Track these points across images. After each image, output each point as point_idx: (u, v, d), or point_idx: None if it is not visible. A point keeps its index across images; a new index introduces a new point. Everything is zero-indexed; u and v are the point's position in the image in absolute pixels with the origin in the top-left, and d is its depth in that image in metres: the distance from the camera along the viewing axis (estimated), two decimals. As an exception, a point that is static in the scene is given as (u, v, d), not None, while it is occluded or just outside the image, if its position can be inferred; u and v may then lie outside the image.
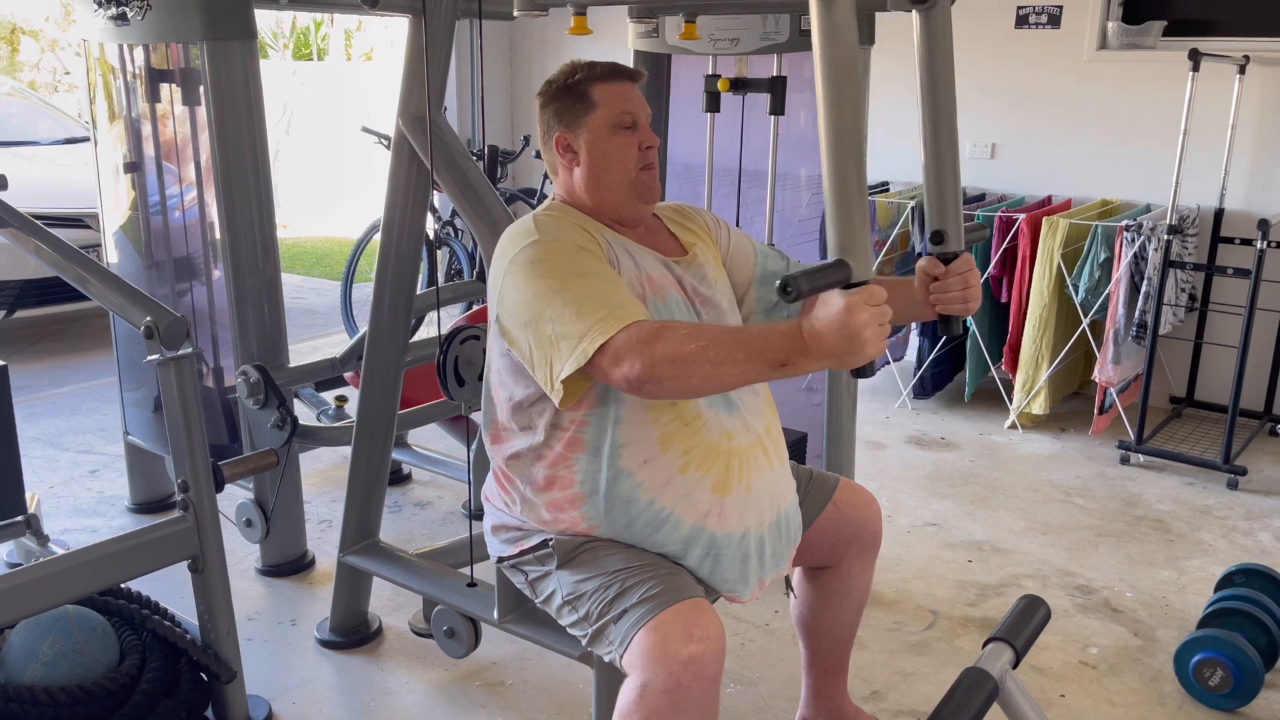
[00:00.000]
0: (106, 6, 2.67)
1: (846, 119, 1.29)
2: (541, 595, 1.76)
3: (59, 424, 4.03)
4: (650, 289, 1.66)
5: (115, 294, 2.01)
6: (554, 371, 1.53)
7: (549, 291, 1.54)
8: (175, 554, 1.99)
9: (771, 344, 1.39)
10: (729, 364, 1.41)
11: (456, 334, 2.27)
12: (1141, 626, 2.68)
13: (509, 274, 1.61)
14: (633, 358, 1.44)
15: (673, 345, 1.42)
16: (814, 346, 1.35)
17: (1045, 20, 4.35)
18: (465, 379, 2.27)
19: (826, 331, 1.34)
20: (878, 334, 1.33)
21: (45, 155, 5.69)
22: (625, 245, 1.69)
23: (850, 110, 1.29)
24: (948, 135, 1.58)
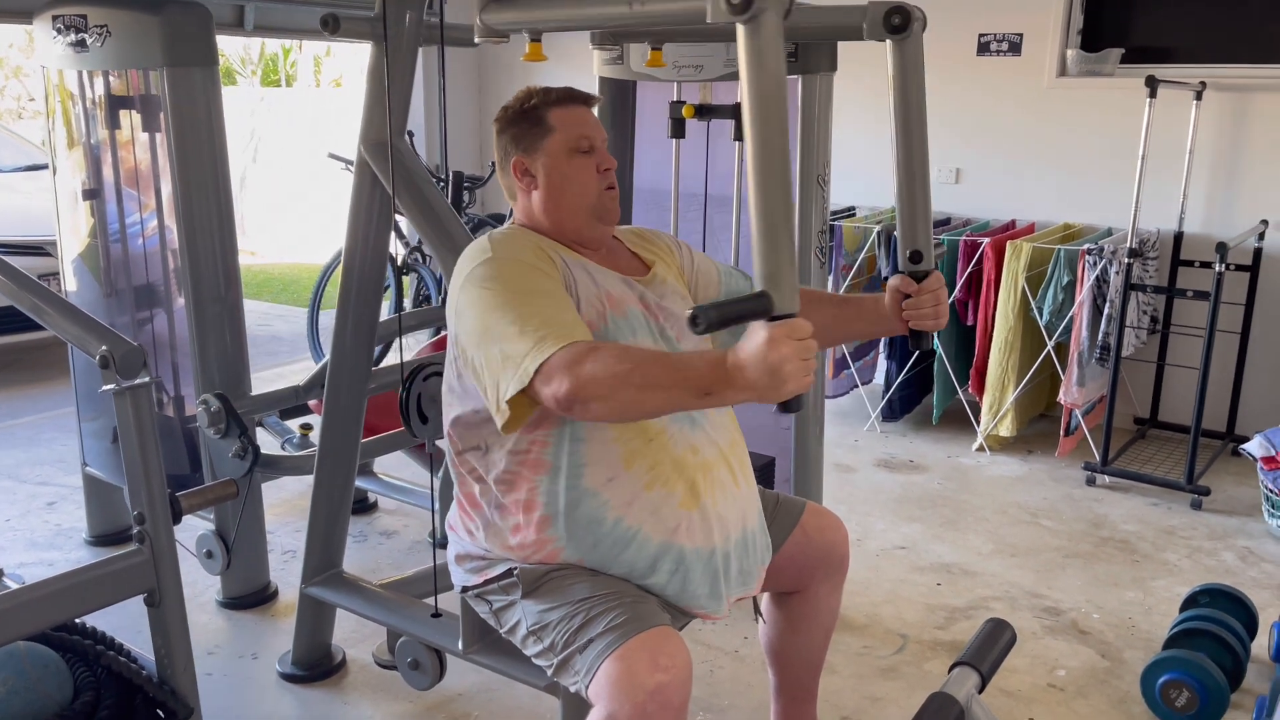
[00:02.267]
0: (65, 33, 2.64)
1: (773, 148, 1.28)
2: (506, 625, 1.74)
3: (17, 455, 3.96)
4: (610, 305, 1.66)
5: (70, 323, 1.98)
6: (500, 392, 1.51)
7: (498, 309, 1.54)
8: (131, 588, 1.95)
9: (697, 372, 1.38)
10: (654, 389, 1.40)
11: (419, 370, 2.25)
12: (1109, 648, 2.69)
13: (463, 292, 1.60)
14: (561, 377, 1.43)
15: (599, 366, 1.41)
16: (736, 378, 1.34)
17: (1006, 48, 4.41)
18: (428, 415, 2.25)
19: (748, 364, 1.32)
20: (800, 369, 1.31)
21: (6, 183, 5.62)
22: (584, 265, 1.69)
23: (777, 139, 1.28)
24: (920, 159, 1.62)
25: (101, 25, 2.56)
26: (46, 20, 2.68)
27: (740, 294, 1.87)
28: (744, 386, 1.33)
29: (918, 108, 1.60)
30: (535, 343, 1.47)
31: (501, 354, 1.51)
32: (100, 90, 2.77)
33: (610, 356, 1.42)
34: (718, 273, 1.91)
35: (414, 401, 2.23)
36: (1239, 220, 4.08)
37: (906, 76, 1.59)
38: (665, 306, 1.75)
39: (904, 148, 1.62)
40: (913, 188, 1.63)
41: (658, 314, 1.73)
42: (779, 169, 1.29)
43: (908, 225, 1.66)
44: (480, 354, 1.56)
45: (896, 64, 1.58)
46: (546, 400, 1.46)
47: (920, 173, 1.63)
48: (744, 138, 1.30)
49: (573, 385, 1.41)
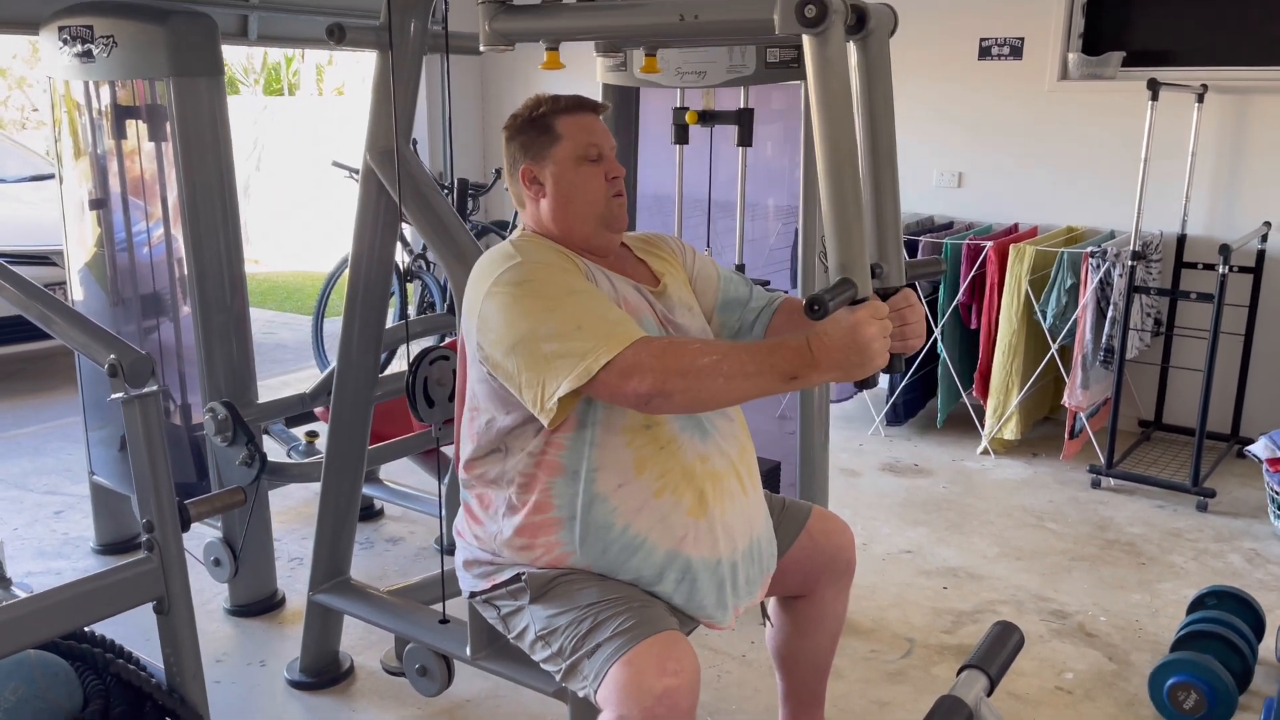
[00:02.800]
0: (72, 44, 2.66)
1: (843, 150, 1.38)
2: (514, 631, 1.74)
3: (24, 465, 3.97)
4: (627, 309, 1.67)
5: (78, 332, 1.99)
6: (547, 391, 1.52)
7: (539, 310, 1.55)
8: (140, 596, 1.95)
9: (782, 357, 1.45)
10: (741, 377, 1.46)
11: (425, 355, 2.26)
12: (1116, 651, 2.69)
13: (491, 298, 1.60)
14: (644, 372, 1.47)
15: (686, 359, 1.48)
16: (823, 360, 1.43)
17: (1007, 52, 4.42)
18: (435, 400, 2.26)
19: (837, 346, 1.42)
20: (884, 345, 1.43)
21: (11, 193, 5.64)
22: (602, 271, 1.71)
23: (846, 141, 1.38)
24: (887, 165, 1.51)
25: (108, 36, 2.58)
26: (53, 31, 2.70)
27: (738, 296, 1.89)
28: (831, 367, 1.43)
29: (885, 111, 1.50)
30: (600, 339, 1.50)
31: (551, 353, 1.52)
32: (106, 100, 2.78)
33: (695, 349, 1.50)
34: (717, 275, 1.93)
35: (420, 385, 2.24)
36: (1242, 222, 4.08)
37: (872, 77, 1.49)
38: (674, 320, 1.75)
39: (870, 153, 1.50)
40: (880, 195, 1.50)
41: (666, 325, 1.74)
42: (849, 168, 1.39)
43: (874, 237, 1.50)
44: (517, 356, 1.55)
45: (861, 64, 1.48)
46: (625, 395, 1.50)
47: (888, 179, 1.51)
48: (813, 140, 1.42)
49: (657, 379, 1.47)
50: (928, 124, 4.60)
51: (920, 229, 4.43)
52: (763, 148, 2.94)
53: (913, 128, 4.62)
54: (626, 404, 1.54)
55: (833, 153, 1.39)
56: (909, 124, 4.61)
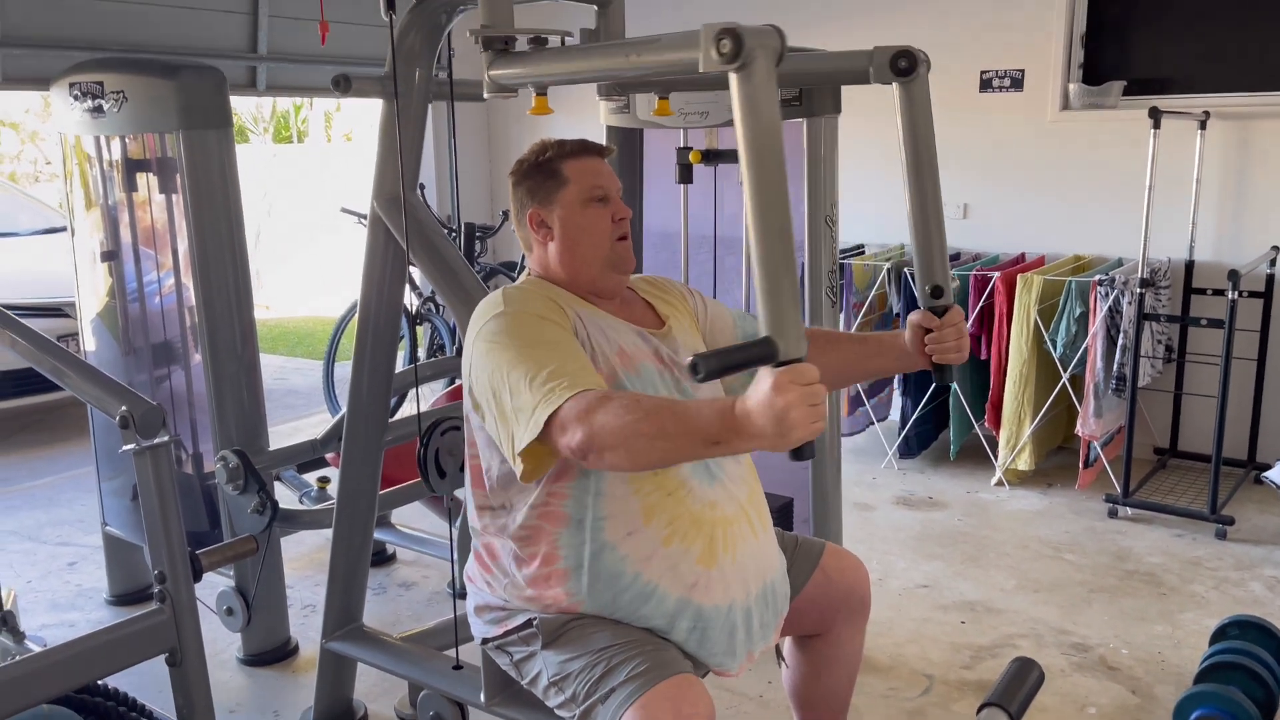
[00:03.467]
0: (83, 99, 2.70)
1: (771, 193, 1.28)
2: (527, 676, 1.73)
3: (38, 516, 3.98)
4: (622, 362, 1.67)
5: (90, 384, 2.00)
6: (515, 444, 1.52)
7: (508, 363, 1.55)
8: (152, 648, 1.95)
9: (705, 420, 1.35)
10: (663, 438, 1.38)
11: (437, 425, 2.27)
12: (1139, 684, 2.65)
13: (475, 346, 1.62)
14: (574, 426, 1.42)
15: (610, 415, 1.40)
16: (745, 426, 1.30)
17: (1008, 84, 4.45)
18: (446, 470, 2.25)
19: (755, 411, 1.29)
20: (806, 415, 1.27)
21: (25, 246, 5.70)
22: (598, 319, 1.70)
23: (775, 184, 1.28)
24: (933, 197, 1.65)
25: (118, 91, 2.61)
26: (64, 87, 2.74)
27: (754, 332, 1.88)
28: (752, 435, 1.30)
29: (927, 146, 1.63)
30: (546, 393, 1.47)
31: (514, 406, 1.52)
32: (117, 154, 2.82)
33: (620, 405, 1.42)
34: (733, 319, 1.92)
35: (432, 456, 2.24)
36: (1250, 247, 4.08)
37: (915, 117, 1.62)
38: (679, 361, 1.75)
39: (916, 186, 1.65)
40: (927, 225, 1.66)
41: (672, 368, 1.73)
42: (778, 214, 1.28)
43: (925, 261, 1.68)
44: (493, 407, 1.57)
45: (904, 105, 1.61)
46: (562, 450, 1.47)
47: (934, 210, 1.66)
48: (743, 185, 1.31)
49: (585, 434, 1.41)
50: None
51: (927, 261, 4.43)
52: (767, 185, 2.96)
53: (916, 161, 4.64)
54: (571, 458, 1.49)
55: (761, 198, 1.28)
56: (913, 157, 4.65)
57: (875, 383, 4.47)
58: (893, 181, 1.67)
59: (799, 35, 5.11)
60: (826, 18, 4.78)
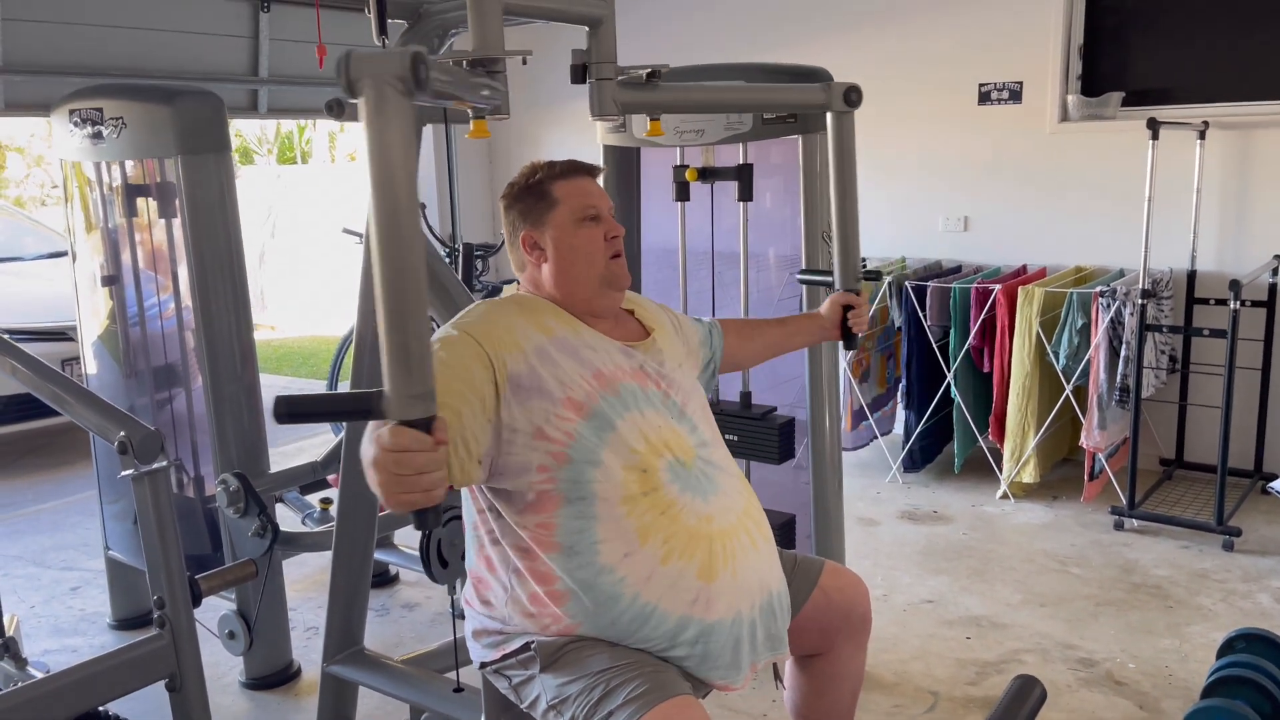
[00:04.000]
0: (82, 126, 2.72)
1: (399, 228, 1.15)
2: (526, 700, 1.72)
3: (42, 540, 3.98)
4: (599, 384, 1.65)
5: (89, 410, 2.01)
6: None
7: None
8: (151, 674, 1.95)
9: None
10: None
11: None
12: (1146, 698, 2.63)
13: None
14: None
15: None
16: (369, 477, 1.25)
17: (1007, 96, 4.45)
18: (449, 561, 2.23)
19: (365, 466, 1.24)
20: (390, 482, 1.19)
21: (30, 270, 5.73)
22: (581, 339, 1.69)
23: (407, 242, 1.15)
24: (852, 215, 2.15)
25: (117, 118, 2.63)
26: (64, 114, 2.76)
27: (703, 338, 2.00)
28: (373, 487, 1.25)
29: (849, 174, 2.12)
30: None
31: None
32: (117, 179, 2.84)
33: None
34: (703, 329, 2.01)
35: (434, 547, 2.21)
36: (1251, 256, 4.07)
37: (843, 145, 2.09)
38: (665, 374, 1.75)
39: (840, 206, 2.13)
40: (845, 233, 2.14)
41: (658, 381, 1.73)
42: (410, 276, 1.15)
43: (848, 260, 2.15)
44: None
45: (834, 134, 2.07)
46: None
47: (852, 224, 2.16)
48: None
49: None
50: (932, 170, 4.62)
51: (928, 274, 4.43)
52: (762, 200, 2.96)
53: (917, 174, 4.65)
54: None
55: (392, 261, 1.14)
56: (913, 170, 4.66)
57: (878, 397, 4.46)
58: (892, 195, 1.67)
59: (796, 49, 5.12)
60: (826, 29, 4.79)
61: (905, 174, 4.68)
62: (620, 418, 1.64)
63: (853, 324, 2.12)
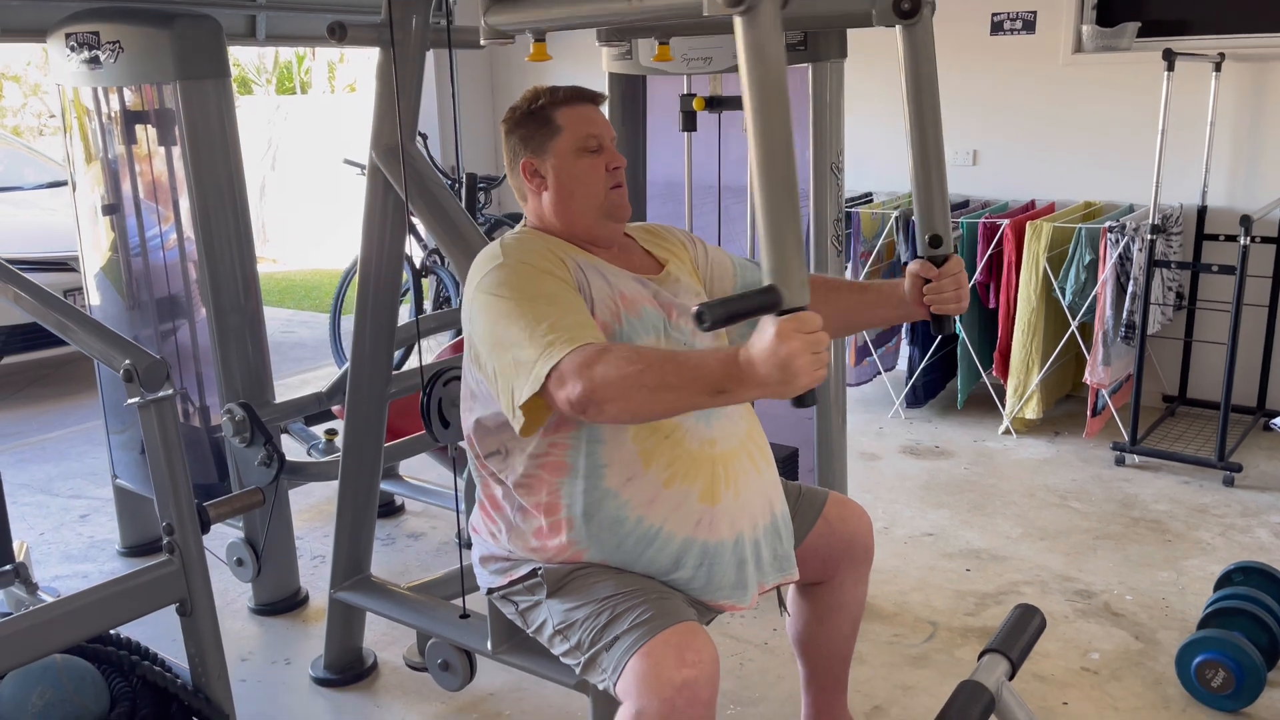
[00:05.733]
0: (79, 51, 2.67)
1: (776, 139, 1.26)
2: (533, 625, 1.75)
3: (49, 469, 4.01)
4: (624, 305, 1.66)
5: (94, 338, 2.00)
6: (515, 398, 1.52)
7: (509, 315, 1.54)
8: (162, 598, 1.97)
9: (709, 370, 1.36)
10: (665, 389, 1.39)
11: (439, 375, 2.26)
12: (1142, 629, 2.66)
13: (474, 300, 1.62)
14: (574, 380, 1.42)
15: (611, 368, 1.40)
16: (749, 375, 1.32)
17: (1020, 26, 4.37)
18: (450, 420, 2.26)
19: (759, 360, 1.30)
20: (810, 362, 1.28)
21: (30, 200, 5.69)
22: (597, 266, 1.69)
23: (780, 130, 1.26)
24: (935, 144, 1.62)
25: (114, 42, 2.58)
26: (60, 38, 2.71)
27: (755, 281, 1.87)
28: (756, 383, 1.31)
29: (930, 92, 1.60)
30: (545, 347, 1.47)
31: (514, 360, 1.51)
32: (115, 106, 2.80)
33: (621, 358, 1.42)
34: (733, 265, 1.91)
35: (435, 406, 2.24)
36: (1263, 192, 4.02)
37: (918, 61, 1.59)
38: (680, 304, 1.74)
39: (918, 133, 1.62)
40: (928, 172, 1.63)
41: (672, 311, 1.72)
42: (783, 161, 1.27)
43: (925, 210, 1.66)
44: (493, 360, 1.57)
45: (908, 49, 1.58)
46: (560, 404, 1.46)
47: (935, 157, 1.62)
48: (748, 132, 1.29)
49: (585, 388, 1.41)
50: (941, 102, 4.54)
51: (935, 209, 4.39)
52: (772, 132, 2.92)
53: (925, 106, 4.57)
54: (565, 413, 1.49)
55: (766, 144, 1.27)
56: (922, 103, 4.58)
57: (883, 332, 4.45)
58: (901, 128, 1.64)
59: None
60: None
61: (914, 106, 4.59)
62: (639, 339, 1.65)
63: (930, 300, 1.70)
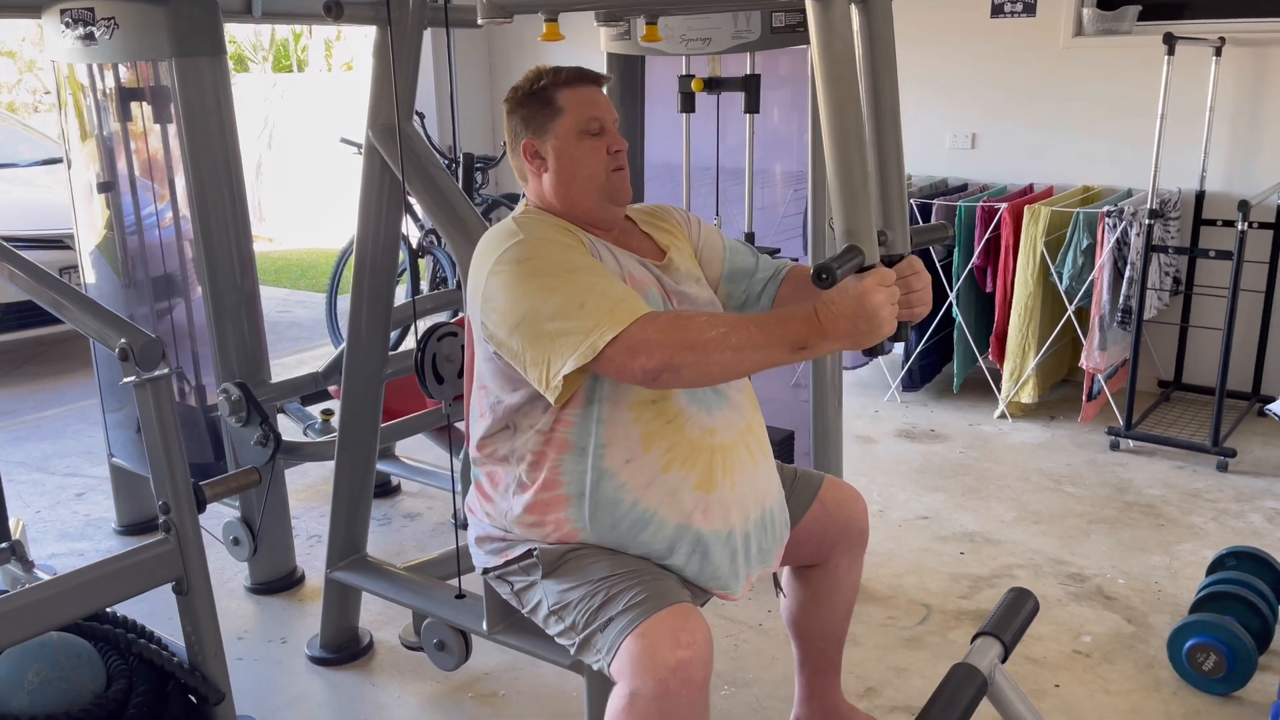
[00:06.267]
0: (74, 27, 2.65)
1: (848, 112, 1.35)
2: (528, 605, 1.75)
3: (45, 448, 4.01)
4: (632, 285, 1.66)
5: (89, 317, 1.99)
6: (552, 369, 1.52)
7: (542, 289, 1.54)
8: (158, 577, 1.97)
9: (790, 328, 1.45)
10: (750, 349, 1.46)
11: (433, 331, 2.26)
12: (1134, 613, 2.68)
13: (494, 275, 1.60)
14: (650, 348, 1.47)
15: (692, 333, 1.47)
16: (831, 329, 1.42)
17: (1021, 9, 4.35)
18: (444, 376, 2.26)
19: (845, 314, 1.41)
20: (893, 312, 1.42)
21: (24, 177, 5.66)
22: (604, 245, 1.69)
23: (850, 104, 1.35)
24: (892, 131, 1.46)
25: (109, 18, 2.57)
26: (55, 14, 2.69)
27: (744, 267, 1.87)
28: (840, 335, 1.42)
29: (888, 75, 1.44)
30: (603, 316, 1.49)
31: (555, 330, 1.51)
32: (110, 82, 2.78)
33: (702, 322, 1.49)
34: (723, 247, 1.91)
35: (429, 362, 2.24)
36: (1261, 177, 4.02)
37: (875, 42, 1.44)
38: (681, 290, 1.74)
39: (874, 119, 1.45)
40: (884, 161, 1.46)
41: (673, 297, 1.73)
42: (855, 135, 1.36)
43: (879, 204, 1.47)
44: (521, 335, 1.55)
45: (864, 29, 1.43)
46: (632, 371, 1.50)
47: (892, 144, 1.46)
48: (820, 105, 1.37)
49: (665, 354, 1.47)
50: (941, 85, 4.53)
51: (934, 191, 4.38)
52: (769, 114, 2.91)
53: (925, 89, 4.56)
54: (634, 380, 1.53)
55: (838, 120, 1.36)
56: (921, 85, 4.56)
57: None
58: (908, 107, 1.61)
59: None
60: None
61: (913, 89, 4.56)
62: None
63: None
